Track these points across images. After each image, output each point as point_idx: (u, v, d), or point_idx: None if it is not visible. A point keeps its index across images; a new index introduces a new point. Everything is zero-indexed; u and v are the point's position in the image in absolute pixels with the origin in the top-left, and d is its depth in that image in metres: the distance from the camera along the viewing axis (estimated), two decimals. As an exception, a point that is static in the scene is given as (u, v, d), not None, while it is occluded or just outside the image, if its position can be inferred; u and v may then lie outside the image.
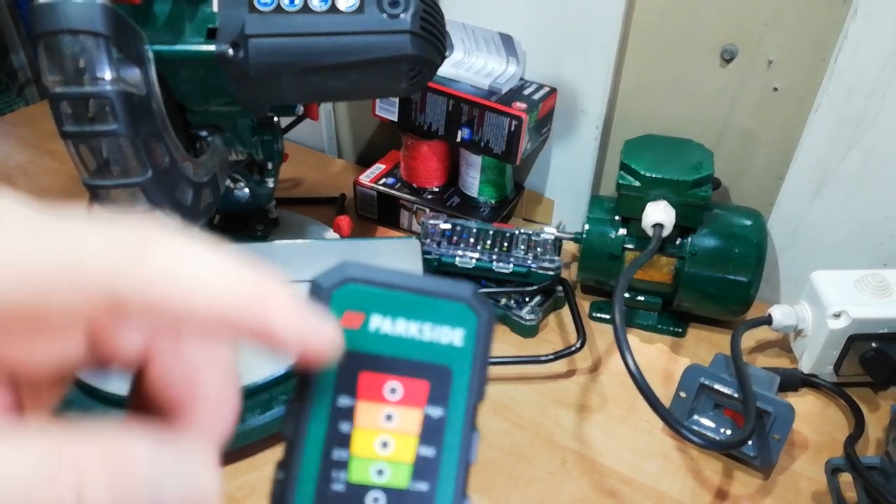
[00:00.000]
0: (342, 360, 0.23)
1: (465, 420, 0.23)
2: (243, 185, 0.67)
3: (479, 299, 0.24)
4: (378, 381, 0.23)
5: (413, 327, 0.23)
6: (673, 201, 0.63)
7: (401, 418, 0.23)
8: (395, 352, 0.23)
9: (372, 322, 0.23)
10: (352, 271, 0.23)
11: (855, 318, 0.58)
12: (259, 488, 0.53)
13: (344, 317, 0.23)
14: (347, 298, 0.23)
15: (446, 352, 0.23)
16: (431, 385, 0.23)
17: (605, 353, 0.66)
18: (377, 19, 0.51)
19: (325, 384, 0.23)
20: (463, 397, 0.23)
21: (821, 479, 0.55)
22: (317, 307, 0.22)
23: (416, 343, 0.23)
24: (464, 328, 0.24)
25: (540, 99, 0.72)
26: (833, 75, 0.60)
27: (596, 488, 0.54)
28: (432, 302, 0.23)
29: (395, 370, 0.23)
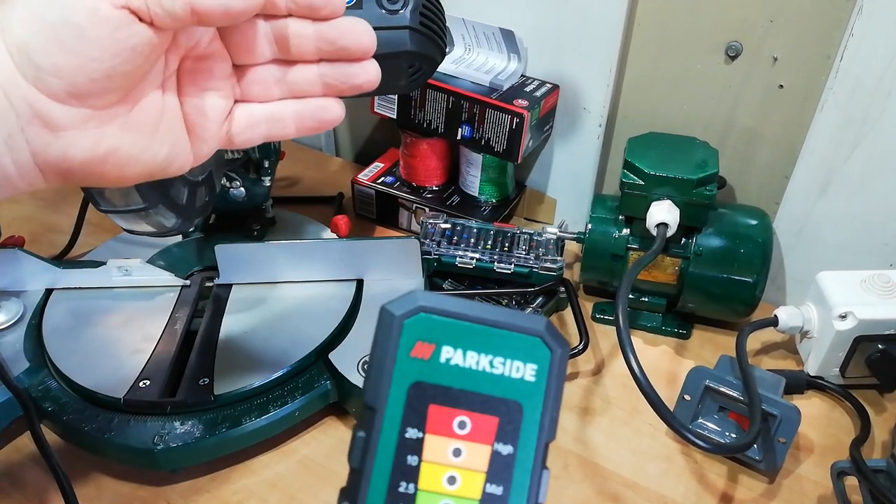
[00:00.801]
0: (411, 392, 0.23)
1: (535, 458, 0.23)
2: (239, 183, 0.66)
3: (553, 334, 0.23)
4: (447, 414, 0.23)
5: (484, 360, 0.23)
6: (677, 200, 0.62)
7: (469, 454, 0.23)
8: (465, 385, 0.23)
9: (443, 353, 0.23)
10: (423, 300, 0.23)
11: (861, 319, 0.57)
12: (256, 492, 0.52)
13: (415, 347, 0.23)
14: (419, 328, 0.23)
15: (518, 387, 0.23)
16: (501, 421, 0.23)
17: (608, 354, 0.66)
18: (376, 15, 0.50)
19: (393, 415, 0.23)
20: (534, 435, 0.23)
21: (826, 482, 0.54)
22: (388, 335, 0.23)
23: (487, 376, 0.23)
24: (536, 363, 0.23)
25: (542, 96, 0.71)
26: (838, 73, 0.60)
27: (598, 492, 0.54)
28: (505, 335, 0.23)
29: (464, 404, 0.23)
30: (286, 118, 0.32)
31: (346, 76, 0.31)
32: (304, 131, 0.33)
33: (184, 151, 0.31)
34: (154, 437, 0.51)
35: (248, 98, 0.32)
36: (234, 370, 0.55)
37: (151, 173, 0.30)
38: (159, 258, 0.67)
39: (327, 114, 0.32)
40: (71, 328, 0.59)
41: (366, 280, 0.65)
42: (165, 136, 0.30)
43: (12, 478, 0.53)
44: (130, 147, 0.29)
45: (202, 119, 0.31)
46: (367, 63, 0.31)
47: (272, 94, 0.32)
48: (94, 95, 0.27)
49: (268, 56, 0.31)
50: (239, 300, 0.62)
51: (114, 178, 0.29)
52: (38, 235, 0.77)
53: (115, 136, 0.29)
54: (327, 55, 0.31)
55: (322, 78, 0.31)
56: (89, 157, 0.28)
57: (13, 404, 0.53)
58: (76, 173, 0.29)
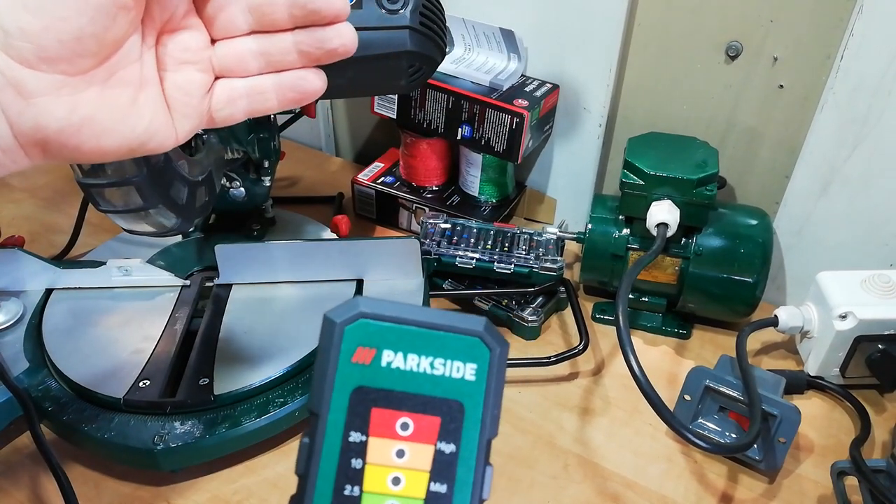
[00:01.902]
0: (354, 396, 0.23)
1: (477, 456, 0.23)
2: (239, 183, 0.66)
3: (492, 333, 0.24)
4: (390, 416, 0.23)
5: (425, 362, 0.23)
6: (677, 200, 0.62)
7: (412, 454, 0.23)
8: (406, 387, 0.23)
9: (384, 357, 0.23)
10: (364, 306, 0.23)
11: (861, 319, 0.57)
12: (256, 492, 0.52)
13: (356, 352, 0.23)
14: (359, 334, 0.23)
15: (458, 387, 0.23)
16: (443, 420, 0.23)
17: (608, 355, 0.66)
18: (376, 15, 0.50)
19: (336, 420, 0.23)
20: (475, 432, 0.23)
21: (826, 482, 0.54)
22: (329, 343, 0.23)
23: (428, 378, 0.23)
24: (476, 363, 0.24)
25: (542, 96, 0.71)
26: (838, 73, 0.60)
27: (598, 492, 0.54)
28: (444, 336, 0.24)
29: (406, 406, 0.23)
30: (266, 91, 0.32)
31: (320, 41, 0.31)
32: (286, 103, 0.33)
33: (164, 127, 0.31)
34: (154, 437, 0.51)
35: (227, 73, 0.32)
36: (234, 370, 0.55)
37: (131, 148, 0.30)
38: (159, 258, 0.67)
39: (307, 84, 0.32)
40: (71, 328, 0.59)
41: (366, 280, 0.65)
42: (144, 109, 0.30)
43: (12, 478, 0.53)
44: (107, 117, 0.29)
45: (182, 94, 0.31)
46: (341, 26, 0.31)
47: (250, 68, 0.32)
48: (65, 59, 0.27)
49: (244, 28, 0.31)
50: (239, 300, 0.62)
51: (91, 151, 0.29)
52: (38, 235, 0.77)
53: (90, 104, 0.29)
54: (300, 20, 0.31)
55: (297, 46, 0.32)
56: (63, 126, 0.28)
57: (13, 404, 0.53)
58: (52, 144, 0.28)
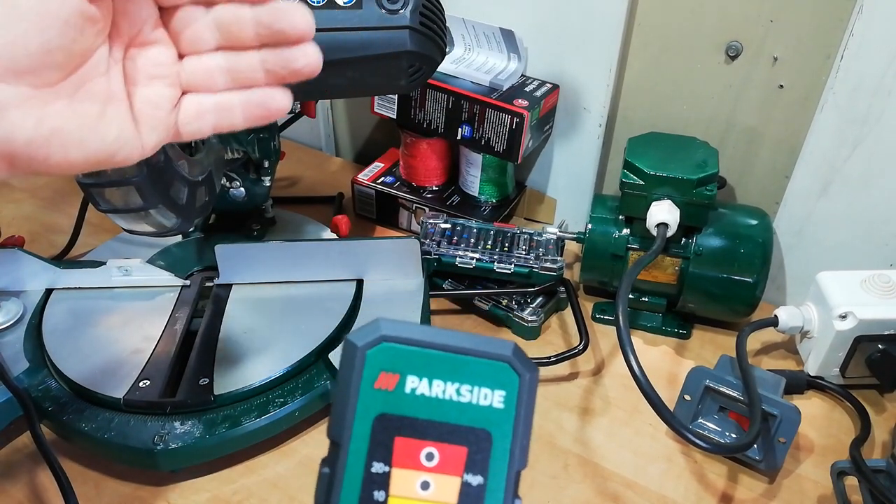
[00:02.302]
0: (376, 424, 0.22)
1: (506, 488, 0.22)
2: (239, 183, 0.66)
3: (521, 358, 0.23)
4: (414, 446, 0.22)
5: (451, 389, 0.22)
6: (677, 200, 0.62)
7: (438, 486, 0.22)
8: (431, 415, 0.22)
9: (408, 383, 0.22)
10: (386, 329, 0.22)
11: (861, 319, 0.57)
12: (256, 492, 0.52)
13: (379, 378, 0.22)
14: (382, 358, 0.22)
15: (486, 415, 0.22)
16: (470, 450, 0.22)
17: (608, 355, 0.66)
18: (376, 15, 0.50)
19: (357, 449, 0.22)
20: (504, 463, 0.22)
21: (826, 482, 0.54)
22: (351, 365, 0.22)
23: (454, 405, 0.22)
24: (504, 389, 0.23)
25: (542, 96, 0.71)
26: (838, 73, 0.60)
27: (598, 492, 0.54)
28: (471, 361, 0.22)
29: (431, 435, 0.22)
30: (233, 108, 0.33)
31: (285, 60, 0.32)
32: (252, 121, 0.33)
33: (131, 139, 0.31)
34: (154, 437, 0.51)
35: (195, 88, 0.33)
36: (234, 370, 0.55)
37: (98, 160, 0.31)
38: (159, 258, 0.67)
39: (273, 102, 0.33)
40: (71, 328, 0.59)
41: (366, 280, 0.65)
42: (111, 121, 0.31)
43: (12, 478, 0.53)
44: (75, 130, 0.29)
45: (149, 108, 0.32)
46: (307, 46, 0.32)
47: (217, 84, 0.32)
48: (32, 72, 0.27)
49: (211, 44, 0.32)
50: (239, 300, 0.62)
51: (58, 163, 0.29)
52: (38, 235, 0.77)
53: (58, 116, 0.29)
54: (266, 39, 0.32)
55: (264, 64, 0.32)
56: (32, 137, 0.28)
57: (13, 404, 0.53)
58: (20, 156, 0.28)
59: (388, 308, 0.62)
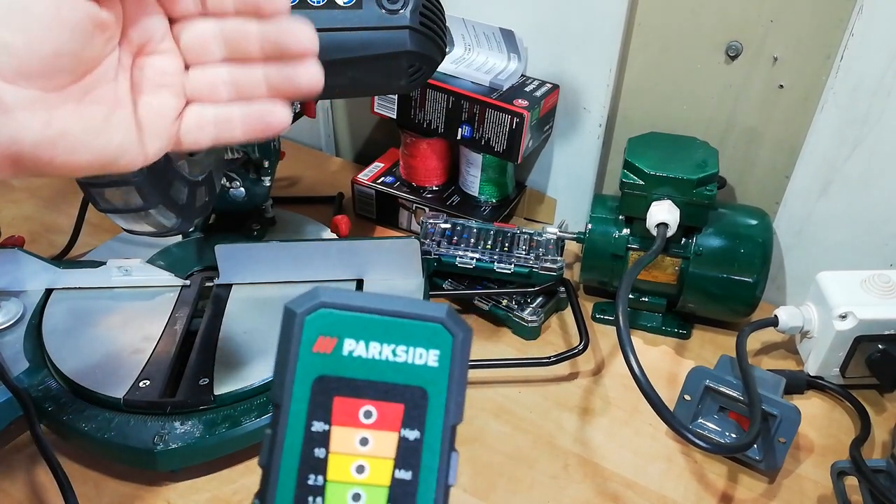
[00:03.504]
0: (315, 386, 0.23)
1: (442, 442, 0.23)
2: (239, 183, 0.66)
3: (454, 319, 0.24)
4: (352, 405, 0.23)
5: (387, 350, 0.23)
6: (677, 200, 0.62)
7: (376, 442, 0.23)
8: (369, 375, 0.23)
9: (345, 346, 0.23)
10: (324, 296, 0.23)
11: (861, 319, 0.57)
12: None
13: (317, 342, 0.23)
14: (320, 323, 0.23)
15: (421, 373, 0.23)
16: (406, 407, 0.23)
17: (608, 355, 0.66)
18: (376, 15, 0.50)
19: (298, 410, 0.23)
20: (440, 418, 0.23)
21: (826, 482, 0.54)
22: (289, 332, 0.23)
23: (391, 365, 0.23)
24: (439, 349, 0.24)
25: (542, 96, 0.71)
26: (838, 73, 0.60)
27: (598, 492, 0.54)
28: (406, 324, 0.24)
29: (369, 394, 0.23)
30: (234, 120, 0.33)
31: (287, 77, 0.32)
32: (251, 134, 0.34)
33: (134, 146, 0.32)
34: (154, 437, 0.51)
35: (199, 98, 0.33)
36: (234, 370, 0.55)
37: (102, 164, 0.31)
38: (159, 258, 0.67)
39: (273, 117, 0.33)
40: (71, 328, 0.59)
41: (366, 280, 0.65)
42: (117, 127, 0.31)
43: (12, 478, 0.53)
44: (81, 134, 0.30)
45: (154, 116, 0.32)
46: (310, 64, 0.32)
47: (221, 96, 0.33)
48: (43, 75, 0.28)
49: (217, 56, 0.32)
50: (239, 300, 0.62)
51: (63, 165, 0.30)
52: (38, 235, 0.77)
53: (65, 120, 0.29)
54: (271, 55, 0.32)
55: (267, 79, 0.32)
56: (39, 140, 0.28)
57: (13, 404, 0.53)
58: (26, 157, 0.29)
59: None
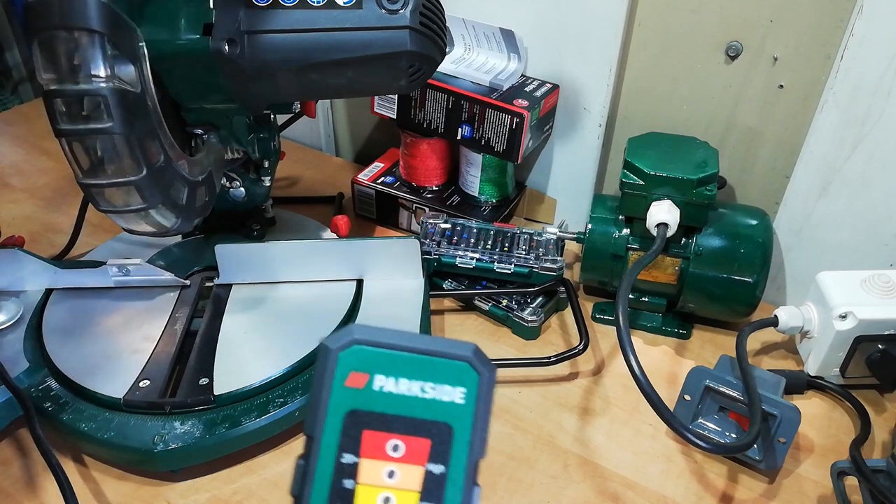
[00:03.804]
0: (347, 419, 0.24)
1: (466, 476, 0.24)
2: (239, 183, 0.66)
3: (481, 358, 0.25)
4: (381, 438, 0.24)
5: (415, 386, 0.25)
6: (677, 200, 0.62)
7: (402, 475, 0.24)
8: (397, 410, 0.24)
9: (376, 382, 0.24)
10: (358, 333, 0.25)
11: (861, 319, 0.57)
12: (256, 492, 0.52)
13: (349, 377, 0.24)
14: (353, 359, 0.25)
15: (448, 410, 0.25)
16: (433, 442, 0.24)
17: (608, 355, 0.66)
18: (376, 15, 0.50)
19: (329, 442, 0.24)
20: (464, 453, 0.24)
21: (827, 482, 0.54)
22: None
23: (419, 401, 0.25)
24: (465, 387, 0.25)
25: (542, 96, 0.71)
26: (838, 73, 0.60)
27: (598, 492, 0.53)
28: (435, 362, 0.25)
29: (397, 428, 0.24)
30: None
31: None
32: None
33: None
34: (154, 438, 0.51)
35: None
36: (234, 370, 0.55)
37: None
38: (159, 258, 0.67)
39: None
40: (71, 328, 0.59)
41: (366, 280, 0.65)
42: None
43: (12, 478, 0.53)
44: None
45: None
46: None
47: None
48: None
49: None
50: (239, 300, 0.62)
51: None
52: (38, 235, 0.77)
53: None
54: None
55: None
56: None
57: (13, 404, 0.53)
58: None
59: (389, 308, 0.62)
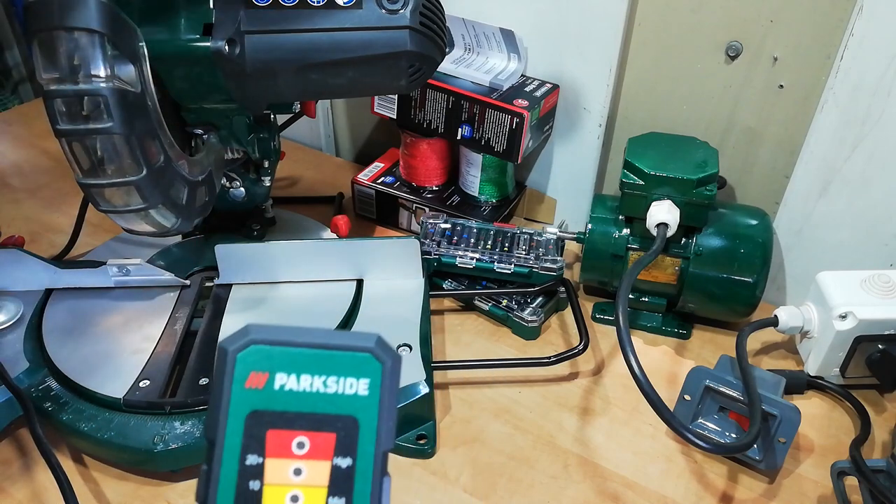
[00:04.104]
0: (249, 420, 0.24)
1: (374, 468, 0.24)
2: (239, 183, 0.66)
3: (383, 348, 0.25)
4: (285, 437, 0.24)
5: (318, 381, 0.24)
6: (677, 200, 0.62)
7: (309, 471, 0.24)
8: (300, 407, 0.24)
9: (277, 380, 0.24)
10: (255, 333, 0.24)
11: (861, 319, 0.57)
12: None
13: (249, 378, 0.24)
14: (252, 359, 0.24)
15: (352, 402, 0.24)
16: (338, 436, 0.24)
17: (608, 355, 0.66)
18: (376, 15, 0.50)
19: (232, 445, 0.24)
20: (371, 445, 0.24)
21: (826, 482, 0.54)
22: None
23: (321, 396, 0.24)
24: (369, 378, 0.24)
25: (542, 96, 0.71)
26: (838, 73, 0.60)
27: (598, 492, 0.53)
28: (336, 355, 0.24)
29: (301, 425, 0.24)
30: None
31: None
32: None
33: None
34: (154, 438, 0.51)
35: None
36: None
37: None
38: (159, 258, 0.67)
39: None
40: (71, 328, 0.59)
41: (366, 280, 0.65)
42: None
43: (12, 478, 0.53)
44: None
45: None
46: None
47: None
48: None
49: None
50: (239, 300, 0.62)
51: None
52: (38, 235, 0.77)
53: None
54: None
55: None
56: None
57: (13, 404, 0.53)
58: None
59: (389, 308, 0.62)
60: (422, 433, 0.56)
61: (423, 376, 0.56)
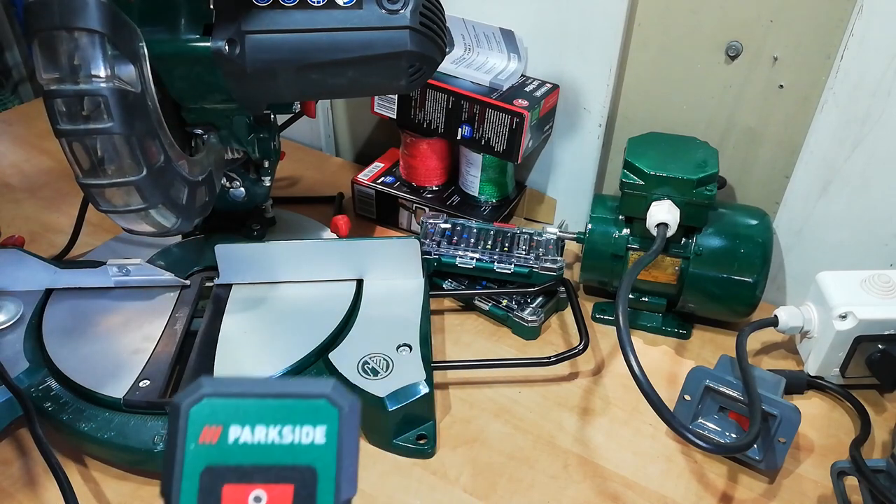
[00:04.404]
0: (204, 477, 0.23)
1: None
2: (239, 183, 0.66)
3: (340, 392, 0.24)
4: (242, 491, 0.23)
5: (273, 432, 0.23)
6: (677, 200, 0.62)
7: None
8: (256, 460, 0.23)
9: (231, 434, 0.23)
10: (207, 386, 0.24)
11: (861, 319, 0.57)
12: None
13: (203, 433, 0.23)
14: (204, 413, 0.23)
15: (309, 452, 0.23)
16: (296, 487, 0.23)
17: (608, 355, 0.66)
18: (376, 15, 0.50)
19: (188, 502, 0.23)
20: (330, 495, 0.23)
21: (826, 482, 0.54)
22: None
23: (277, 447, 0.23)
24: (325, 424, 0.23)
25: (542, 96, 0.71)
26: (838, 73, 0.60)
27: (598, 492, 0.53)
28: (290, 403, 0.24)
29: (257, 478, 0.23)
30: None
31: None
32: None
33: None
34: (154, 437, 0.51)
35: None
36: (234, 370, 0.55)
37: None
38: (159, 258, 0.67)
39: None
40: (70, 328, 0.59)
41: (366, 280, 0.65)
42: None
43: (12, 478, 0.53)
44: None
45: None
46: None
47: None
48: None
49: None
50: (239, 300, 0.62)
51: None
52: (38, 235, 0.77)
53: None
54: None
55: None
56: None
57: (13, 404, 0.53)
58: None
59: (388, 308, 0.62)
60: (422, 433, 0.56)
61: (423, 376, 0.56)
